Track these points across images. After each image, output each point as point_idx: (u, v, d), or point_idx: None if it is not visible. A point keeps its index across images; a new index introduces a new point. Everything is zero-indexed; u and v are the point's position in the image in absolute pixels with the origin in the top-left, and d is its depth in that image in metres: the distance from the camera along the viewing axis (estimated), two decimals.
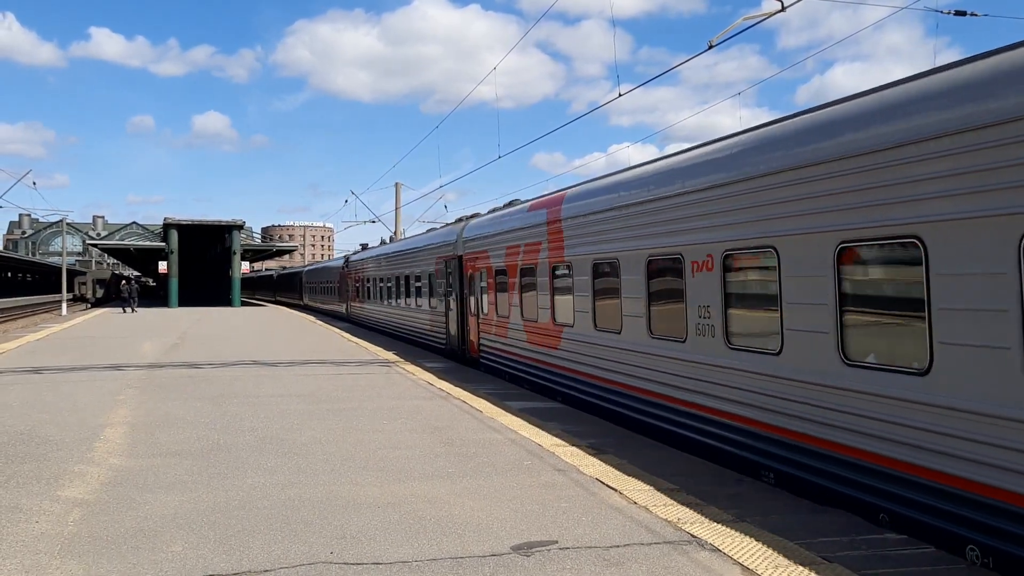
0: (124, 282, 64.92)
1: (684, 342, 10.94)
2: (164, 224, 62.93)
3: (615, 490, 8.09)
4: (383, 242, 47.91)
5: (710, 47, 13.41)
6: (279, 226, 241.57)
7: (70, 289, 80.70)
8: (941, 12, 11.96)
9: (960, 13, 12.53)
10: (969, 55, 7.29)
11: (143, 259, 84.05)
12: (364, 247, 50.16)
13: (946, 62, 7.49)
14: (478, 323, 21.09)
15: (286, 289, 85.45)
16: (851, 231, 7.89)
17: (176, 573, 5.85)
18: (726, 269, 10.04)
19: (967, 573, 6.41)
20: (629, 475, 8.74)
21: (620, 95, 17.16)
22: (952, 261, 6.80)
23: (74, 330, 34.33)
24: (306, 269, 75.25)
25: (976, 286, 6.57)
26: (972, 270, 6.61)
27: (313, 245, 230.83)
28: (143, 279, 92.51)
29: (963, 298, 6.69)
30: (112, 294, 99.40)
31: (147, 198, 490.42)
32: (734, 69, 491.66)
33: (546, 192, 18.08)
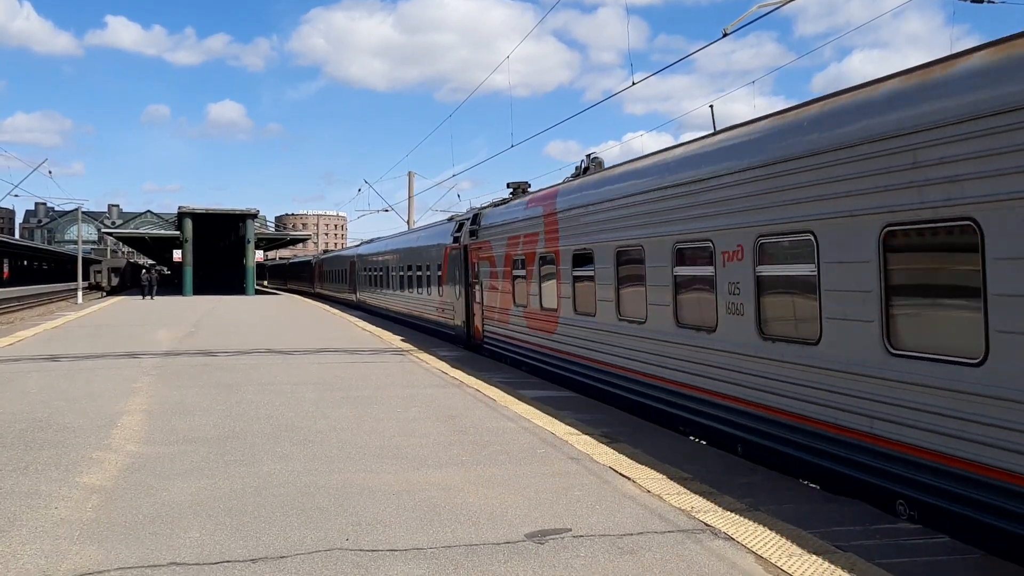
0: (144, 271, 66.84)
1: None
2: (179, 213, 63.22)
3: (628, 478, 8.11)
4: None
5: (725, 35, 13.34)
6: (293, 215, 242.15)
7: (85, 277, 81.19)
8: None
9: (977, 0, 12.40)
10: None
11: (158, 248, 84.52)
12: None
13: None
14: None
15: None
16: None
17: (193, 559, 5.91)
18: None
19: (981, 563, 6.40)
20: (642, 464, 8.75)
21: (634, 83, 17.13)
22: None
23: (90, 318, 34.56)
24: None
25: None
26: None
27: (327, 234, 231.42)
28: (158, 267, 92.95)
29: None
30: (127, 282, 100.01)
31: (162, 187, 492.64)
32: (751, 57, 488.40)
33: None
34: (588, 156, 17.68)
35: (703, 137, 11.60)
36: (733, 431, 10.11)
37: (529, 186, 21.96)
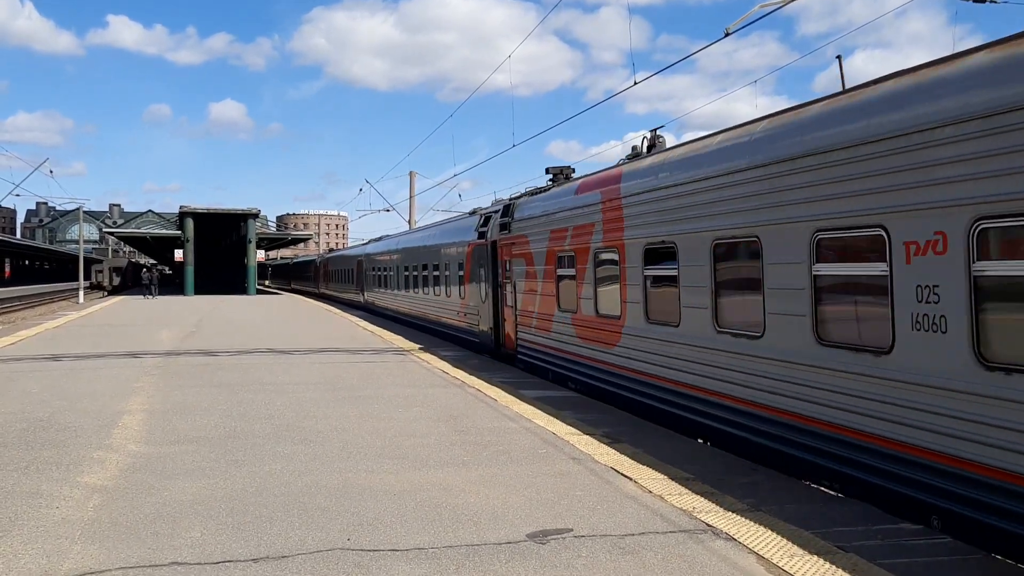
0: (145, 270, 67.24)
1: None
2: (180, 212, 63.21)
3: (630, 479, 8.11)
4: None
5: (726, 35, 13.34)
6: (294, 214, 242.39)
7: (87, 277, 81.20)
8: None
9: (979, 0, 12.38)
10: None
11: (159, 247, 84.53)
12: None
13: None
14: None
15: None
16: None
17: (194, 559, 5.91)
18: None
19: (983, 563, 6.39)
20: (644, 464, 8.75)
21: (636, 83, 17.14)
22: None
23: (91, 318, 34.58)
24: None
25: None
26: None
27: (328, 234, 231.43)
28: (159, 267, 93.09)
29: None
30: (129, 282, 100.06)
31: (163, 186, 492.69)
32: (753, 56, 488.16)
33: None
34: (653, 132, 15.02)
35: (860, 87, 8.63)
36: (929, 498, 7.20)
37: (573, 171, 18.97)
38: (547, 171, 19.08)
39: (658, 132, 15.00)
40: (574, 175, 18.08)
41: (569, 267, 15.29)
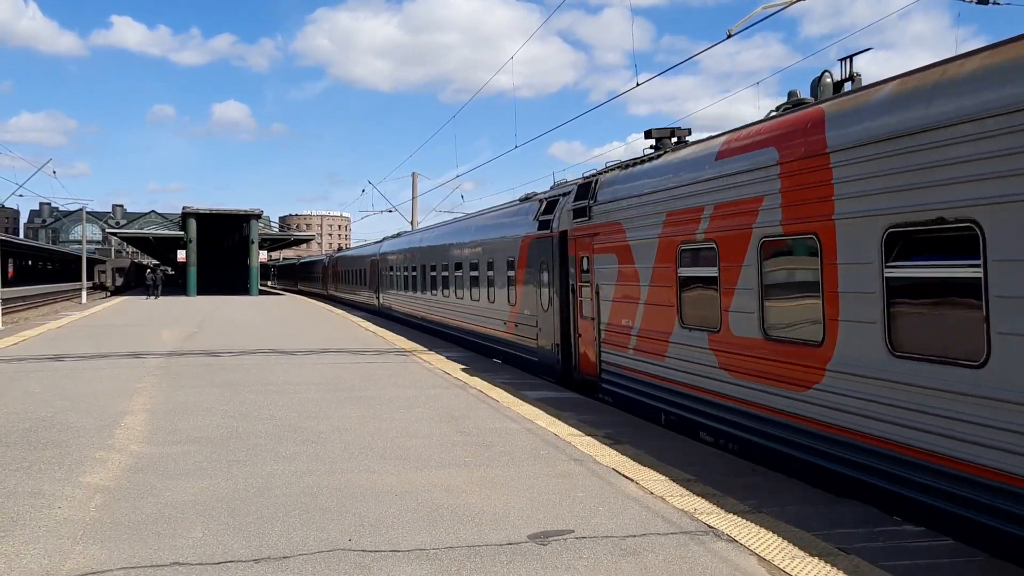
0: (149, 271, 67.51)
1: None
2: (183, 213, 63.27)
3: (632, 480, 8.10)
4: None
5: (729, 36, 13.34)
6: (297, 215, 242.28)
7: (90, 278, 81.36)
8: (964, 0, 11.82)
9: (983, 2, 12.37)
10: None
11: (162, 248, 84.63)
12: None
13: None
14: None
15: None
16: None
17: (196, 559, 5.91)
18: None
19: (984, 565, 6.38)
20: (645, 465, 8.75)
21: (638, 84, 17.15)
22: None
23: (94, 318, 34.62)
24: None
25: None
26: None
27: (330, 235, 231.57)
28: (162, 267, 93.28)
29: None
30: (132, 282, 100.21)
31: (166, 187, 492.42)
32: (757, 58, 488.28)
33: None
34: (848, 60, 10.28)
35: None
36: None
37: (688, 132, 13.86)
38: (647, 134, 13.98)
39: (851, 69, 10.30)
40: (689, 138, 13.49)
41: (704, 264, 10.88)
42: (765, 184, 9.55)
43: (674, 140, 13.66)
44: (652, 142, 13.90)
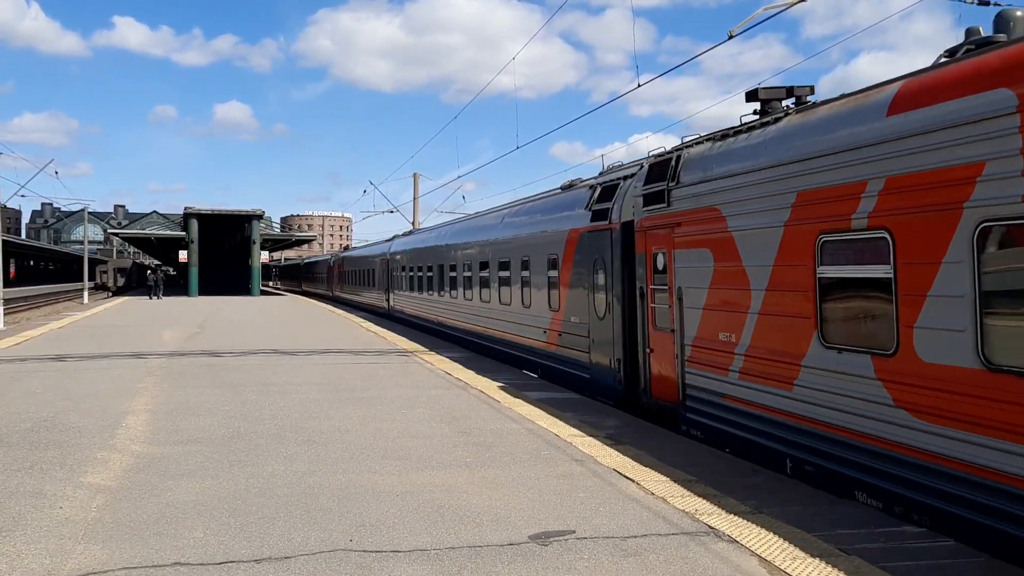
0: (151, 272, 67.69)
1: None
2: (184, 213, 63.36)
3: (632, 481, 8.11)
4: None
5: (730, 37, 13.33)
6: (298, 215, 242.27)
7: (91, 278, 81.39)
8: (965, 1, 11.81)
9: (984, 3, 12.37)
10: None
11: (163, 248, 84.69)
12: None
13: None
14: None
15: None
16: None
17: (197, 559, 5.92)
18: None
19: (986, 565, 6.38)
20: (646, 466, 8.75)
21: (639, 85, 17.12)
22: None
23: (96, 318, 34.64)
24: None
25: None
26: None
27: (332, 235, 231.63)
28: (164, 268, 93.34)
29: None
30: (133, 283, 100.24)
31: (168, 187, 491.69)
32: (758, 59, 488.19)
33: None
34: None
35: None
36: None
37: (811, 91, 10.72)
38: (750, 96, 11.22)
39: None
40: (810, 98, 10.58)
41: (866, 261, 8.22)
42: (989, 143, 6.78)
43: (789, 102, 10.77)
44: (756, 106, 11.09)
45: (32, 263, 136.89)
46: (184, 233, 62.73)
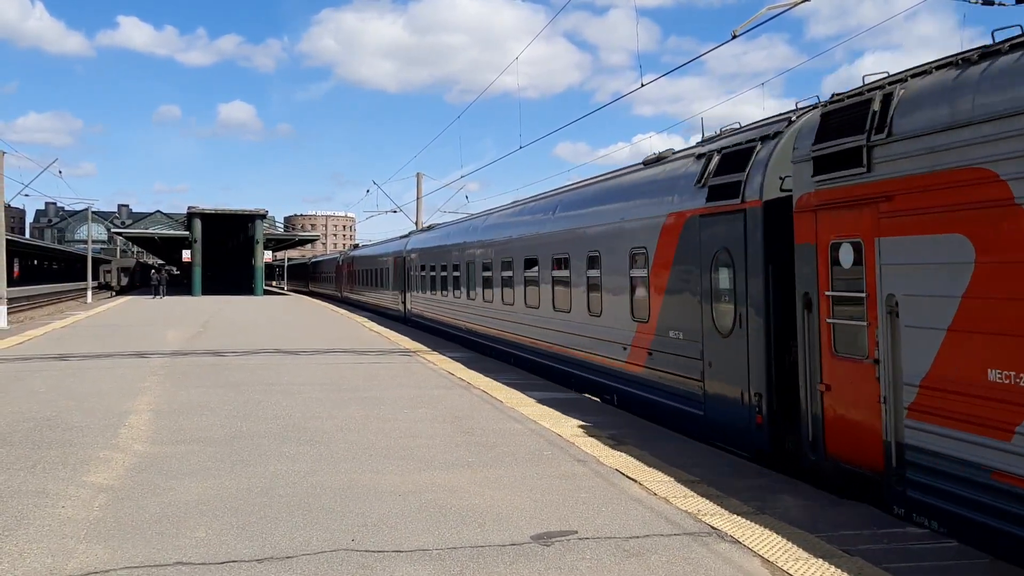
0: (154, 271, 67.98)
1: None
2: (188, 213, 63.55)
3: (635, 481, 8.09)
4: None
5: (734, 36, 13.31)
6: (301, 215, 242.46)
7: (95, 277, 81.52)
8: (969, 1, 11.79)
9: (988, 3, 12.34)
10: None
11: (167, 248, 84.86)
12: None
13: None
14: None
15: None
16: None
17: (199, 559, 5.91)
18: None
19: (988, 567, 6.36)
20: (649, 466, 8.74)
21: (643, 85, 17.09)
22: None
23: (99, 318, 34.69)
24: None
25: None
26: None
27: (335, 235, 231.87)
28: (167, 267, 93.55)
29: None
30: (137, 282, 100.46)
31: (172, 187, 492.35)
32: (762, 59, 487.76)
33: None
34: None
35: None
36: None
37: None
38: None
39: None
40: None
41: None
42: None
43: None
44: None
45: (36, 262, 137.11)
46: (187, 233, 62.87)
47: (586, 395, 14.42)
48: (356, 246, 66.84)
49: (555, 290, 17.07)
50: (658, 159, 13.92)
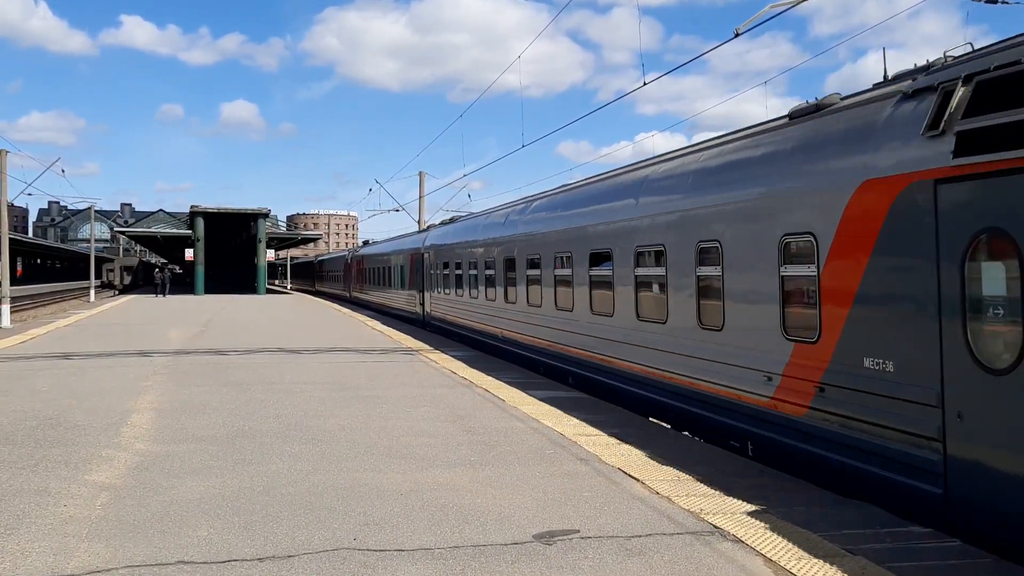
0: (157, 270, 68.26)
1: None
2: (191, 212, 63.49)
3: (637, 480, 8.08)
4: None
5: (736, 35, 13.28)
6: (304, 214, 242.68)
7: (98, 276, 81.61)
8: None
9: (992, 1, 12.30)
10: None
11: (170, 246, 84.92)
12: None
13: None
14: None
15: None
16: None
17: (201, 557, 5.91)
18: None
19: (991, 566, 6.34)
20: (651, 465, 8.72)
21: (645, 83, 17.06)
22: None
23: (102, 317, 34.72)
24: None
25: None
26: None
27: (338, 234, 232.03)
28: (171, 266, 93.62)
29: None
30: (140, 281, 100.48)
31: (175, 186, 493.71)
32: (766, 57, 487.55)
33: None
34: None
35: None
36: None
37: None
38: None
39: None
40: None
41: None
42: None
43: None
44: None
45: (39, 261, 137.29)
46: (190, 232, 62.86)
47: (698, 438, 11.04)
48: (366, 242, 61.01)
49: (639, 293, 13.12)
50: (817, 108, 9.76)
